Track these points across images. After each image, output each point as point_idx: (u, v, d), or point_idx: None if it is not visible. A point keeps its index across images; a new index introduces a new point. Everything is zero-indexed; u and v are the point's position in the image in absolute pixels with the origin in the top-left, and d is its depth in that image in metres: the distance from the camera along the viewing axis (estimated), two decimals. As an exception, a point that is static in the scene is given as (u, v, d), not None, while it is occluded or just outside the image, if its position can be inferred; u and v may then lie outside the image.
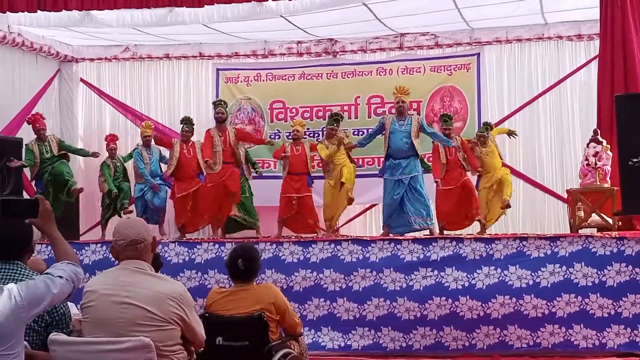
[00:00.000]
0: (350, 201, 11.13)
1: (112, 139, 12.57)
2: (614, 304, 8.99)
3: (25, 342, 3.84)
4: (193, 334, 4.28)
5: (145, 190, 11.64)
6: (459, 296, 9.32)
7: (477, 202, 10.85)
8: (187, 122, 11.66)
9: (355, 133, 12.69)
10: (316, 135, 13.08)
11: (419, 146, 10.63)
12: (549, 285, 9.14)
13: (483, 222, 10.93)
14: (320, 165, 11.43)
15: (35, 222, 4.04)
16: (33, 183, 11.58)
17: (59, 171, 11.41)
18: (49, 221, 4.05)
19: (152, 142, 11.89)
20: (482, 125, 11.86)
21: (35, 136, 11.54)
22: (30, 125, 11.64)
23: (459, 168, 10.92)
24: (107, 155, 12.32)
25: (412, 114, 10.95)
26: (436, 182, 10.77)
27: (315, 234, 11.01)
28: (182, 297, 4.20)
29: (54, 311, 4.30)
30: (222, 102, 11.61)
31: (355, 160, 11.50)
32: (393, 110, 11.27)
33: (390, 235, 10.42)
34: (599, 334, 9.03)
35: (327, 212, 11.19)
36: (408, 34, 13.06)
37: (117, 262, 4.36)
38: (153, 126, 12.36)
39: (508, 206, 11.00)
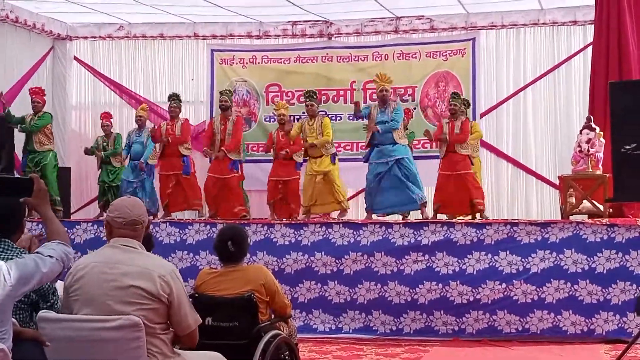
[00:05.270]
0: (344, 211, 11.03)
1: (106, 116, 12.59)
2: (603, 290, 9.03)
3: (13, 319, 3.84)
4: (179, 317, 4.23)
5: (135, 184, 11.56)
6: (450, 281, 9.35)
7: (479, 194, 10.71)
8: (175, 98, 11.60)
9: (351, 119, 12.68)
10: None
11: (401, 134, 10.41)
12: (538, 271, 9.17)
13: (483, 214, 10.79)
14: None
15: (29, 201, 4.04)
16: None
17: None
18: (43, 200, 4.05)
19: (146, 125, 11.81)
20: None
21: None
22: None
23: (458, 153, 10.73)
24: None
25: (394, 102, 10.73)
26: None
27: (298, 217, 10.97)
28: (172, 275, 4.20)
29: (40, 288, 4.29)
30: (228, 92, 11.55)
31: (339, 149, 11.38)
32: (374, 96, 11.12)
33: (374, 216, 10.47)
34: (587, 320, 9.07)
35: (305, 200, 10.99)
36: (403, 17, 13.04)
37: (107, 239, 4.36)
38: (148, 108, 12.28)
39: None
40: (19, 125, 11.37)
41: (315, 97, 11.22)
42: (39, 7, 12.65)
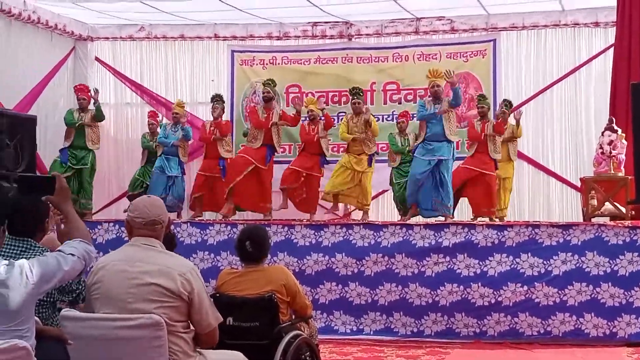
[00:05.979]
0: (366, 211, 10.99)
1: (152, 115, 12.69)
2: (626, 293, 8.97)
3: (36, 318, 3.84)
4: (200, 315, 4.24)
5: (163, 178, 11.59)
6: (471, 283, 9.32)
7: (494, 202, 10.72)
8: (218, 99, 11.62)
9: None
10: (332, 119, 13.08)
11: (452, 129, 10.32)
12: (560, 274, 9.12)
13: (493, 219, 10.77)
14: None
15: (51, 199, 4.04)
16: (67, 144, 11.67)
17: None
18: (65, 198, 4.06)
19: (180, 121, 11.80)
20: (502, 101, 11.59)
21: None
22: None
23: (488, 156, 10.74)
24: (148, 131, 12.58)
25: (447, 97, 10.58)
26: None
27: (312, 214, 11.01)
28: (192, 273, 4.20)
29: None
30: (270, 82, 11.43)
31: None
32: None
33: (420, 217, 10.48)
34: (609, 323, 9.01)
35: (332, 185, 10.87)
36: (424, 18, 13.00)
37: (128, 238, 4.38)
38: (184, 104, 12.26)
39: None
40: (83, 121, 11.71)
41: (362, 94, 11.14)
42: (61, 4, 12.67)
